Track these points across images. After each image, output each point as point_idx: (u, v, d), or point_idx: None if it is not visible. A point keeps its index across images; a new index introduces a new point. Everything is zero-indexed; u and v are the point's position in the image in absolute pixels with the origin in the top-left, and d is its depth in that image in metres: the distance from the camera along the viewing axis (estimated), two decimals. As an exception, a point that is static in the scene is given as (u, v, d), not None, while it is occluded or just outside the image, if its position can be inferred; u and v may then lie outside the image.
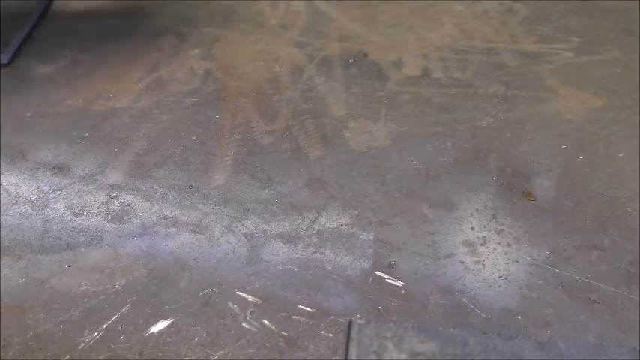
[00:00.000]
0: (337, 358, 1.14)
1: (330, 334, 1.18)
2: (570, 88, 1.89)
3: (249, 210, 1.47)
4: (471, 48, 2.08)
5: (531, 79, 1.93)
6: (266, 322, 1.21)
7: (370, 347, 1.13)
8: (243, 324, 1.20)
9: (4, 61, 2.00)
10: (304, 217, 1.45)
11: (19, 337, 1.17)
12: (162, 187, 1.53)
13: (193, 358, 1.14)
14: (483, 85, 1.90)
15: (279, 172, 1.58)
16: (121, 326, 1.19)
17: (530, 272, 1.32)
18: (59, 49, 2.09)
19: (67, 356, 1.14)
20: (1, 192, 1.52)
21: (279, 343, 1.17)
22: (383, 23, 2.23)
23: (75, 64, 2.02)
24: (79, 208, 1.48)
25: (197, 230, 1.41)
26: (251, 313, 1.22)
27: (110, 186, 1.54)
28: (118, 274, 1.30)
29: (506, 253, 1.36)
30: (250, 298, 1.26)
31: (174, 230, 1.41)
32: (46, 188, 1.53)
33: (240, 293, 1.27)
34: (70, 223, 1.43)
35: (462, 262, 1.34)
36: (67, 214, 1.46)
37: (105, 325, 1.20)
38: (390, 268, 1.33)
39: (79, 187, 1.54)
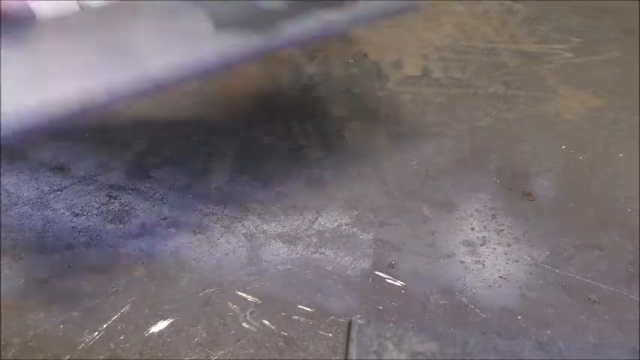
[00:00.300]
0: (337, 358, 1.14)
1: (330, 334, 1.18)
2: (570, 88, 1.89)
3: (249, 210, 1.47)
4: (470, 48, 2.08)
5: (531, 79, 1.93)
6: (266, 322, 1.21)
7: (370, 347, 1.13)
8: (243, 324, 1.20)
9: (4, 61, 2.00)
10: (304, 217, 1.45)
11: (19, 337, 1.17)
12: (163, 187, 1.53)
13: (193, 358, 1.14)
14: (483, 85, 1.90)
15: (279, 172, 1.58)
16: (121, 326, 1.19)
17: (530, 272, 1.32)
18: (59, 49, 2.09)
19: (67, 356, 1.14)
20: (1, 192, 1.52)
21: (279, 343, 1.17)
22: (383, 23, 2.23)
23: (75, 64, 2.02)
24: (79, 208, 1.48)
25: (197, 230, 1.41)
26: (251, 313, 1.22)
27: (110, 186, 1.54)
28: (118, 274, 1.30)
29: (506, 254, 1.36)
30: (250, 298, 1.26)
31: (174, 230, 1.41)
32: (46, 188, 1.53)
33: (240, 293, 1.27)
34: (70, 223, 1.43)
35: (462, 262, 1.34)
36: (67, 214, 1.46)
37: (105, 326, 1.19)
38: (390, 268, 1.33)
39: (79, 187, 1.54)
